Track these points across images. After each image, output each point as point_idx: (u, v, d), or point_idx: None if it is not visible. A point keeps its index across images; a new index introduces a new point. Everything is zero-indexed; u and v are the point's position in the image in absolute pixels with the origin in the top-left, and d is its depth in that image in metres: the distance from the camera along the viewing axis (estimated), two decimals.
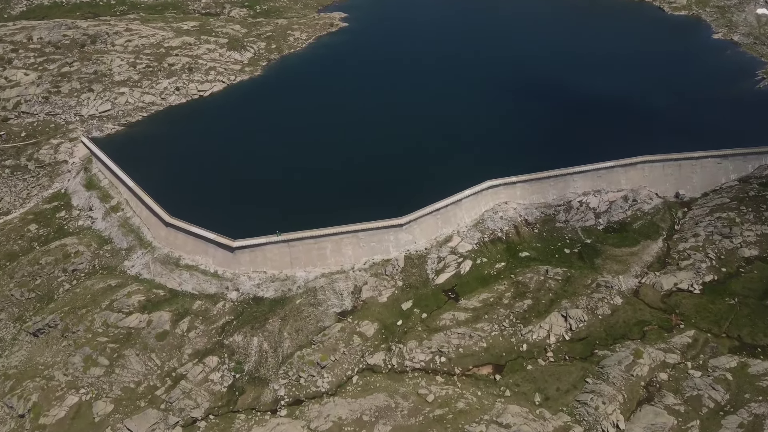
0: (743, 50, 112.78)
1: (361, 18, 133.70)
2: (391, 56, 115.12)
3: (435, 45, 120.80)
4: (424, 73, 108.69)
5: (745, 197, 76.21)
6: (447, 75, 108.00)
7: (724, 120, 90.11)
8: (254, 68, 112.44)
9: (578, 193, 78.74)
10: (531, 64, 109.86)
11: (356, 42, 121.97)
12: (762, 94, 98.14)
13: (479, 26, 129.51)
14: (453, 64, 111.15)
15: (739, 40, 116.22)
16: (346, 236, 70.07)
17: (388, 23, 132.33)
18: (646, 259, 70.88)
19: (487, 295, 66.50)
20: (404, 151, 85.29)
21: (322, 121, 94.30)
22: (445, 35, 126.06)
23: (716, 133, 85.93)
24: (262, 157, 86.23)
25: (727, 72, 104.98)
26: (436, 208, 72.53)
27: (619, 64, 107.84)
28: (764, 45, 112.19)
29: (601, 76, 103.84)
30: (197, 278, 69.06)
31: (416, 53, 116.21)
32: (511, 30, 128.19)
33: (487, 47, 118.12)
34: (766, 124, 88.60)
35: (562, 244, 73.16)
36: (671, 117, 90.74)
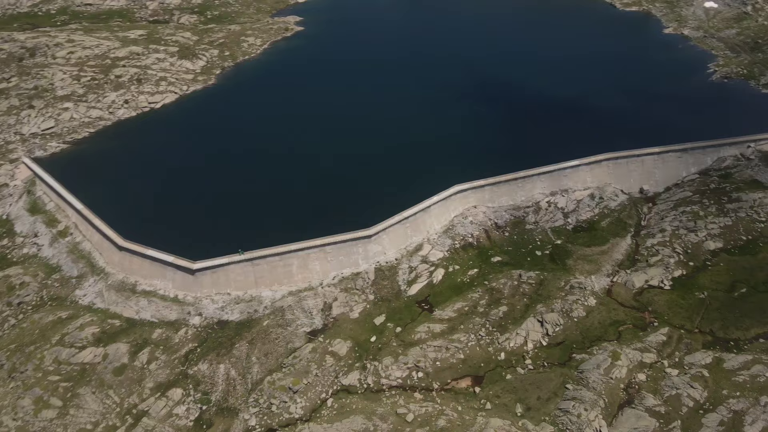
0: (694, 44, 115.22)
1: (317, 21, 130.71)
2: (349, 61, 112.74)
3: (392, 48, 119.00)
4: (384, 78, 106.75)
5: (707, 190, 77.15)
6: (405, 79, 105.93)
7: (681, 115, 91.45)
8: (208, 77, 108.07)
9: (546, 194, 78.25)
10: (487, 65, 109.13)
11: (313, 46, 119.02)
12: (715, 86, 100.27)
13: (435, 29, 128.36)
14: (411, 68, 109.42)
15: (689, 34, 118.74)
16: (312, 251, 67.30)
17: (345, 27, 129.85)
18: (616, 257, 70.75)
19: (461, 304, 64.90)
20: (368, 159, 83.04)
21: (282, 131, 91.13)
22: (402, 38, 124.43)
23: (675, 128, 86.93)
24: (220, 172, 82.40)
25: (681, 67, 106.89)
26: (405, 217, 70.60)
27: (574, 64, 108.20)
28: (714, 38, 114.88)
29: (558, 76, 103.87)
30: (156, 304, 64.99)
31: (374, 57, 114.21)
32: (466, 32, 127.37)
33: (443, 50, 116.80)
34: (721, 117, 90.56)
35: (533, 247, 72.31)
36: (630, 115, 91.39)
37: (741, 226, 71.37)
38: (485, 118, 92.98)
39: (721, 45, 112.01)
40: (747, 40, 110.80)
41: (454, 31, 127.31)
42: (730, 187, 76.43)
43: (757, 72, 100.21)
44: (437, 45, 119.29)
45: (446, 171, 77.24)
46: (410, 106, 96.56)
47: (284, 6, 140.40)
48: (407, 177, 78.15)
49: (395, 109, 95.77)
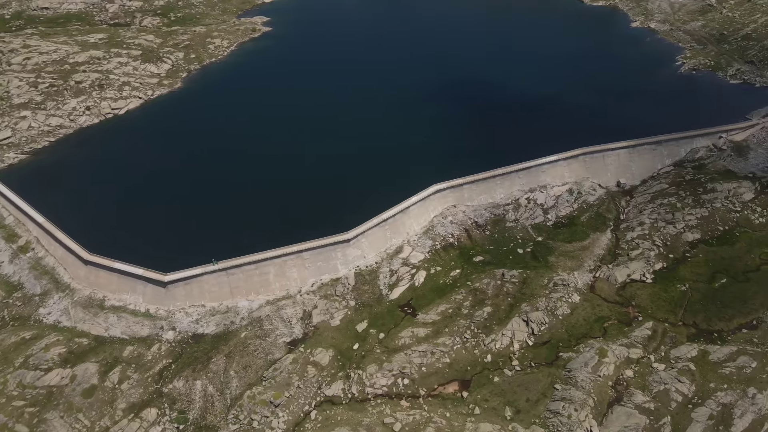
0: (661, 37, 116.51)
1: (285, 22, 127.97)
2: (318, 61, 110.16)
3: (362, 48, 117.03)
4: (353, 78, 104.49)
5: (682, 182, 77.61)
6: (375, 80, 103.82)
7: (653, 108, 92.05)
8: (173, 81, 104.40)
9: (525, 190, 77.56)
10: (458, 64, 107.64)
11: (282, 47, 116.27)
12: (684, 78, 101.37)
13: (403, 28, 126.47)
14: (381, 68, 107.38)
15: (656, 28, 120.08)
16: (289, 258, 64.99)
17: (313, 26, 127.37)
18: (597, 253, 70.42)
19: (445, 306, 63.51)
20: (342, 161, 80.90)
21: (252, 135, 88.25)
22: (371, 38, 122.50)
23: (647, 121, 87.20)
24: (189, 179, 79.26)
25: (650, 60, 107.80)
26: (384, 219, 68.84)
27: (545, 61, 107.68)
28: (680, 31, 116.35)
29: (529, 74, 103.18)
30: (126, 320, 61.79)
31: (344, 58, 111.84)
32: (434, 31, 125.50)
33: (413, 49, 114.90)
34: (692, 108, 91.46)
35: (514, 245, 71.43)
36: (602, 110, 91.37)
37: (717, 216, 71.92)
38: (458, 118, 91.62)
39: (688, 37, 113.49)
40: (713, 32, 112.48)
41: (423, 30, 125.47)
42: (705, 178, 77.06)
43: (724, 63, 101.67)
44: (406, 45, 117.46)
45: (423, 171, 75.77)
46: (381, 107, 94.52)
47: (251, 6, 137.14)
48: (384, 178, 76.43)
49: (366, 110, 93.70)
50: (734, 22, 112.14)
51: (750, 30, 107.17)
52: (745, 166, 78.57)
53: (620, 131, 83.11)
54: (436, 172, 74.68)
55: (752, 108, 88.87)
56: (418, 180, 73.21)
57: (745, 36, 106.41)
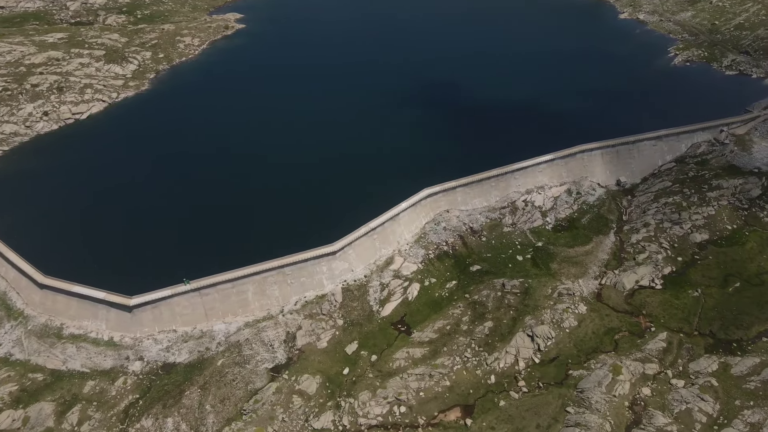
0: (651, 28, 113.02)
1: (260, 18, 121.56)
2: (295, 61, 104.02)
3: (340, 46, 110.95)
4: (332, 80, 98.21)
5: (686, 179, 73.53)
6: (356, 80, 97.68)
7: (649, 102, 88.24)
8: (140, 82, 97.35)
9: (521, 192, 72.71)
10: (441, 63, 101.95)
11: (256, 45, 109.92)
12: (678, 71, 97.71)
13: (383, 27, 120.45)
14: (361, 69, 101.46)
15: (645, 19, 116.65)
16: (270, 274, 58.99)
17: (290, 23, 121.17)
18: (602, 257, 65.76)
19: (442, 322, 58.14)
20: (325, 168, 74.92)
21: (225, 140, 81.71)
22: (351, 35, 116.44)
23: (644, 116, 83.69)
24: (157, 189, 72.57)
25: (641, 53, 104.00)
26: (372, 228, 63.22)
27: (534, 57, 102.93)
28: (670, 21, 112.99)
29: (519, 72, 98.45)
30: (87, 351, 55.18)
31: (321, 57, 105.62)
32: (414, 28, 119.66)
33: (393, 48, 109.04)
34: (690, 102, 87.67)
35: (513, 251, 66.39)
36: (597, 106, 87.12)
37: (724, 215, 67.89)
38: (446, 120, 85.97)
39: (678, 28, 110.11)
40: (703, 23, 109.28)
41: (403, 29, 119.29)
42: (709, 175, 73.05)
43: (718, 54, 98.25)
44: (387, 44, 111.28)
45: (412, 175, 70.44)
46: (363, 110, 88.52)
47: (222, 3, 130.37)
48: (370, 185, 70.78)
49: (347, 114, 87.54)
50: (725, 12, 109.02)
51: (742, 19, 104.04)
52: (750, 161, 74.72)
53: (617, 128, 78.82)
54: (426, 175, 69.27)
55: (751, 100, 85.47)
56: (407, 185, 67.76)
57: (738, 25, 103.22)
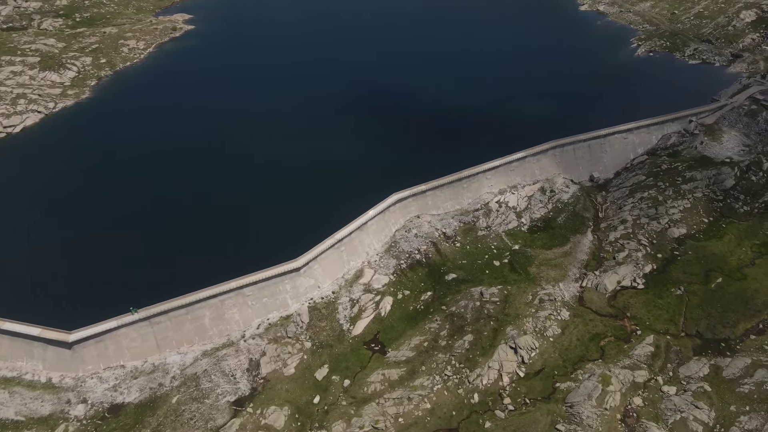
0: (612, 20, 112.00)
1: (210, 19, 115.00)
2: (247, 61, 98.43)
3: (295, 47, 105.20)
4: (286, 82, 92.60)
5: (659, 171, 71.72)
6: (312, 83, 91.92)
7: (615, 95, 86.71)
8: (80, 90, 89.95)
9: (494, 192, 69.45)
10: (399, 63, 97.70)
11: (206, 47, 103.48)
12: (642, 61, 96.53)
13: (334, 25, 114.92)
14: (316, 70, 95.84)
15: (605, 10, 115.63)
16: (228, 296, 53.72)
17: (241, 23, 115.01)
18: (581, 258, 63.01)
19: (419, 338, 54.04)
20: (283, 177, 69.82)
21: (173, 150, 75.55)
22: (306, 35, 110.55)
23: (612, 109, 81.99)
24: (99, 209, 65.86)
25: (604, 44, 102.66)
26: (338, 239, 58.63)
27: (497, 54, 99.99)
28: (630, 12, 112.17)
29: (482, 70, 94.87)
30: (21, 396, 48.74)
31: (275, 59, 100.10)
32: (367, 29, 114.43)
33: (349, 48, 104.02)
34: (656, 92, 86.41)
35: (489, 256, 62.94)
36: (563, 101, 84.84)
37: (700, 207, 66.34)
38: (410, 122, 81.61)
39: (639, 19, 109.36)
40: (663, 12, 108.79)
41: (358, 27, 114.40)
42: (682, 167, 71.46)
43: (680, 44, 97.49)
44: (343, 43, 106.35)
45: (379, 181, 66.18)
46: (321, 114, 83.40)
47: (170, 3, 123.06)
48: (333, 193, 66.23)
49: (304, 118, 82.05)
50: (684, 1, 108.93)
51: (701, 8, 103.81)
52: (721, 151, 73.53)
53: (587, 123, 76.82)
54: (394, 180, 65.12)
55: (716, 88, 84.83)
56: (374, 191, 63.44)
57: (698, 14, 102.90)
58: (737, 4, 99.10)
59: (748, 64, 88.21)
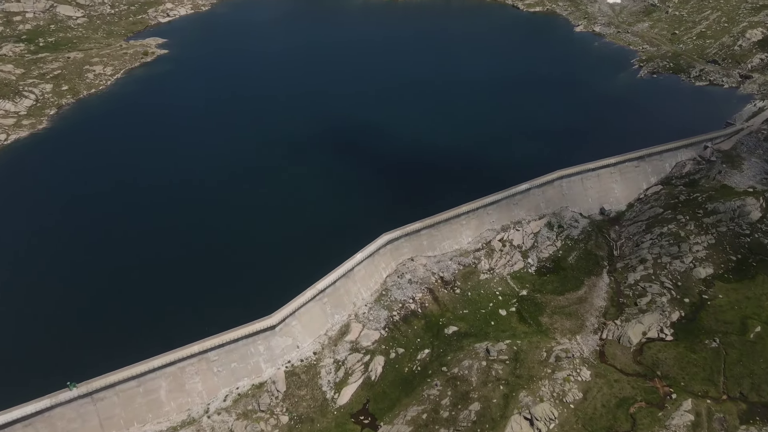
0: (609, 41, 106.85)
1: (185, 43, 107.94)
2: (222, 92, 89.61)
3: (272, 74, 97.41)
4: (260, 112, 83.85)
5: (678, 203, 64.80)
6: (291, 114, 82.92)
7: (621, 120, 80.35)
8: (37, 120, 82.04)
9: (496, 230, 62.15)
10: (388, 95, 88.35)
11: (179, 72, 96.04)
12: (646, 83, 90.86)
13: (319, 51, 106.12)
14: (296, 101, 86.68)
15: (601, 31, 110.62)
16: (189, 362, 45.34)
17: (217, 47, 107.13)
18: (598, 304, 55.43)
19: (416, 408, 45.79)
20: (255, 220, 61.63)
21: (134, 188, 67.24)
22: (284, 61, 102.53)
23: (619, 135, 75.76)
24: (38, 258, 56.94)
25: (605, 66, 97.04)
26: (320, 289, 50.70)
27: (493, 79, 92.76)
28: (628, 33, 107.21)
29: (478, 97, 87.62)
30: None
31: (251, 87, 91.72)
32: (356, 52, 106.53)
33: (331, 78, 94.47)
34: (664, 115, 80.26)
35: (494, 304, 55.28)
36: (567, 128, 78.12)
37: (726, 243, 59.18)
38: (402, 154, 73.51)
39: (638, 39, 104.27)
40: (662, 33, 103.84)
41: (343, 53, 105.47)
42: (702, 197, 64.58)
43: (684, 65, 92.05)
44: (324, 70, 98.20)
45: (366, 221, 58.69)
46: (303, 149, 74.85)
47: (143, 28, 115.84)
48: (315, 235, 58.24)
49: (283, 155, 73.21)
50: (683, 21, 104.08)
51: (703, 27, 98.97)
52: (742, 179, 66.93)
53: (592, 150, 70.24)
54: (383, 219, 57.51)
55: (729, 111, 78.82)
56: (361, 232, 55.71)
57: (700, 34, 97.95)
58: (741, 24, 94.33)
59: (759, 86, 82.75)
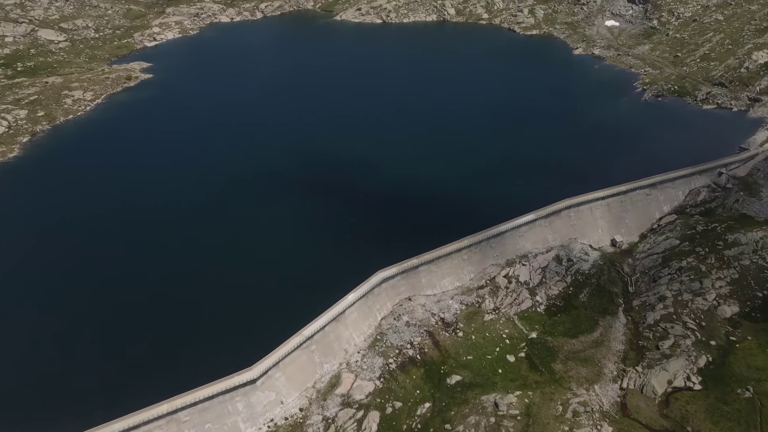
0: (610, 63, 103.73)
1: (171, 67, 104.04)
2: (206, 120, 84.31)
3: (258, 98, 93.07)
4: (242, 141, 78.44)
5: (695, 234, 60.23)
6: (276, 142, 77.77)
7: (628, 144, 76.27)
8: (8, 148, 77.24)
9: (501, 265, 57.32)
10: (380, 122, 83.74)
11: (164, 98, 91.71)
12: (651, 107, 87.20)
13: (311, 76, 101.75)
14: (279, 132, 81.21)
15: (601, 54, 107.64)
16: (156, 424, 39.74)
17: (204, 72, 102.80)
18: (616, 348, 50.28)
19: None
20: (235, 260, 55.82)
21: (108, 225, 61.60)
22: (273, 85, 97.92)
23: (627, 162, 71.69)
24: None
25: (607, 89, 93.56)
26: (307, 336, 45.42)
27: (493, 104, 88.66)
28: (629, 56, 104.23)
29: (476, 123, 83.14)
30: None
31: (235, 113, 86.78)
32: (353, 78, 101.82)
33: (321, 106, 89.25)
34: (672, 140, 76.27)
35: (502, 349, 50.01)
36: (572, 154, 73.91)
37: (750, 277, 54.44)
38: (391, 188, 67.71)
39: (639, 62, 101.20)
40: (664, 55, 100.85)
41: (339, 78, 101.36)
42: (721, 228, 60.10)
43: (689, 87, 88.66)
44: (308, 100, 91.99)
45: (359, 256, 53.44)
46: (287, 181, 69.38)
47: (128, 52, 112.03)
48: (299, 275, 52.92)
49: (262, 190, 67.48)
50: (686, 44, 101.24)
51: (706, 50, 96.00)
52: (762, 208, 62.76)
53: (600, 177, 65.97)
54: (377, 254, 52.41)
55: (740, 135, 74.97)
56: (352, 269, 50.40)
57: (704, 56, 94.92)
58: (746, 45, 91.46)
59: None
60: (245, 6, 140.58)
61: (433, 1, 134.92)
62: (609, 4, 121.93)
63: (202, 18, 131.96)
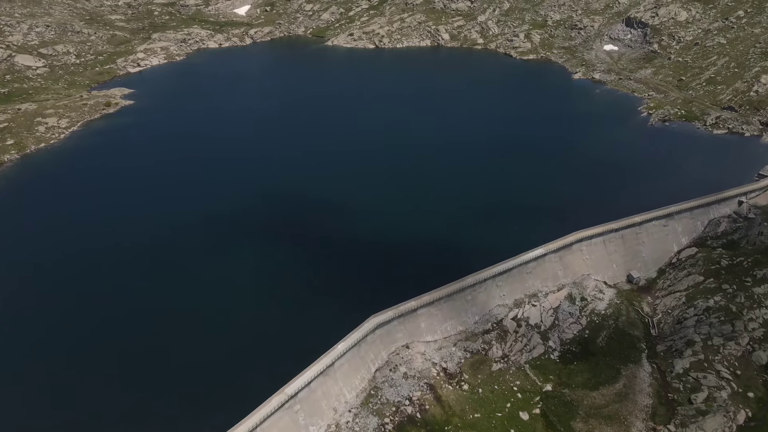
0: (612, 88, 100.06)
1: (153, 93, 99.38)
2: (186, 150, 78.87)
3: (242, 127, 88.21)
4: (229, 178, 72.36)
5: (720, 270, 54.94)
6: (248, 185, 70.64)
7: (637, 171, 71.77)
8: None
9: (508, 305, 51.50)
10: (375, 155, 78.27)
11: (141, 125, 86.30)
12: (658, 132, 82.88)
13: (298, 111, 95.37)
14: (259, 171, 74.65)
15: (601, 78, 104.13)
16: None
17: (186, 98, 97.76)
18: (642, 402, 44.29)
19: None
20: (205, 307, 49.42)
21: (73, 265, 55.37)
22: (257, 123, 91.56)
23: (639, 190, 66.92)
24: None
25: (611, 115, 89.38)
26: (290, 394, 39.11)
27: (493, 133, 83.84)
28: (630, 80, 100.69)
29: (476, 154, 77.69)
30: None
31: (216, 147, 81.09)
32: (342, 110, 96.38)
33: (318, 136, 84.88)
34: (685, 167, 71.68)
35: (513, 405, 43.93)
36: (579, 185, 68.95)
37: None
38: (386, 224, 62.24)
39: (642, 86, 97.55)
40: (668, 79, 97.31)
41: (318, 115, 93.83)
42: (748, 262, 54.86)
43: (697, 111, 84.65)
44: (295, 133, 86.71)
45: (349, 302, 47.55)
46: (272, 219, 63.71)
47: (110, 78, 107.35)
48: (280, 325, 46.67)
49: (240, 232, 61.01)
50: (689, 67, 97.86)
51: (712, 73, 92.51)
52: None
53: (612, 209, 60.96)
54: (371, 298, 46.55)
55: (757, 162, 70.70)
56: (343, 315, 44.52)
57: (709, 80, 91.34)
58: (754, 68, 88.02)
59: None
60: (234, 32, 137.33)
61: (427, 26, 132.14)
62: (607, 28, 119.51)
63: (190, 44, 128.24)
